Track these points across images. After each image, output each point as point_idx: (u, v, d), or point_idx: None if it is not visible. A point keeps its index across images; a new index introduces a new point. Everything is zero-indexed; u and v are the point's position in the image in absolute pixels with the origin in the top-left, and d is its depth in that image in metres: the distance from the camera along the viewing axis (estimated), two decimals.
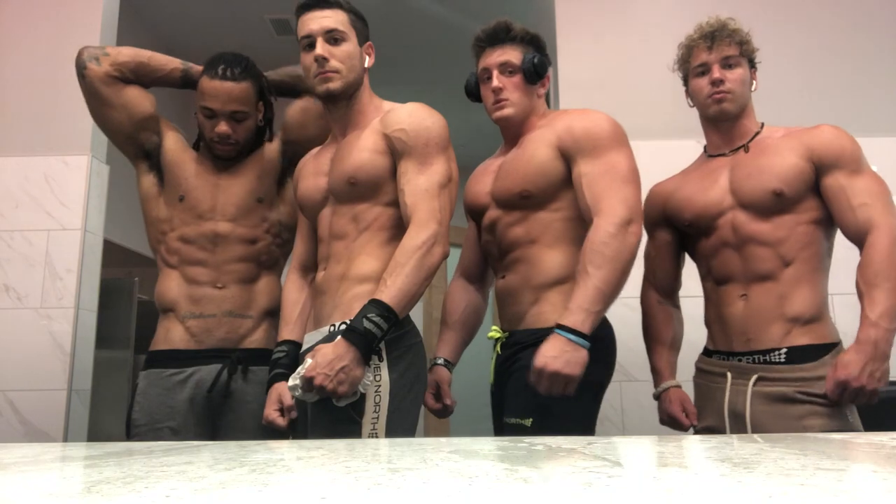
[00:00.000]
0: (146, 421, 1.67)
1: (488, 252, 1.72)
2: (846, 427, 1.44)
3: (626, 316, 2.21)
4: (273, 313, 1.77)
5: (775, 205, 1.52)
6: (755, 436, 1.10)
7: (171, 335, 1.73)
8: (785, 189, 1.50)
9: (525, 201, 1.58)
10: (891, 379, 2.26)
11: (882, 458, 0.63)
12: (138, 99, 1.76)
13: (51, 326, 2.39)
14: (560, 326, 1.40)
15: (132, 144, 1.80)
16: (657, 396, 1.70)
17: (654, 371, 1.73)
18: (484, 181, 1.71)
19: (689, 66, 1.64)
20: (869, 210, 1.45)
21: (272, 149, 1.84)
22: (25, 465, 0.61)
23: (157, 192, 1.80)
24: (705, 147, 1.73)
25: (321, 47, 1.51)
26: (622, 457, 0.67)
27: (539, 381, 1.39)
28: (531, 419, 1.46)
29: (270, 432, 1.55)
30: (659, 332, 1.75)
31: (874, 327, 1.36)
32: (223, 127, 1.71)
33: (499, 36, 1.64)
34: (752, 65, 1.64)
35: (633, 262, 1.47)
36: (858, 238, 1.47)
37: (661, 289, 1.77)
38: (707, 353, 1.67)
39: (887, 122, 2.50)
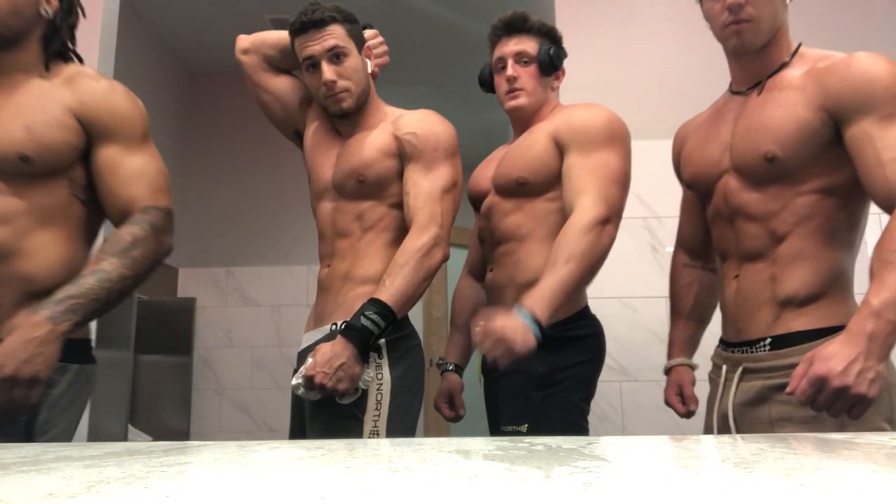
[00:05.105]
0: None
1: (482, 239, 1.72)
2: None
3: (626, 316, 2.21)
4: None
5: (768, 172, 1.23)
6: (755, 436, 1.09)
7: None
8: (780, 153, 1.20)
9: (521, 188, 1.58)
10: None
11: (882, 458, 0.63)
12: None
13: None
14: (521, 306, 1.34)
15: None
16: (666, 372, 1.55)
17: (668, 343, 1.57)
18: (489, 167, 1.73)
19: None
20: None
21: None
22: (25, 465, 0.61)
23: None
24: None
25: (327, 71, 1.50)
26: (622, 457, 0.67)
27: (484, 340, 1.31)
28: (526, 424, 1.46)
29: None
30: (678, 299, 1.57)
31: (874, 317, 1.02)
32: None
33: (515, 25, 1.64)
34: None
35: (602, 262, 1.45)
36: (887, 202, 1.12)
37: (689, 249, 1.56)
38: (719, 341, 1.42)
39: None
